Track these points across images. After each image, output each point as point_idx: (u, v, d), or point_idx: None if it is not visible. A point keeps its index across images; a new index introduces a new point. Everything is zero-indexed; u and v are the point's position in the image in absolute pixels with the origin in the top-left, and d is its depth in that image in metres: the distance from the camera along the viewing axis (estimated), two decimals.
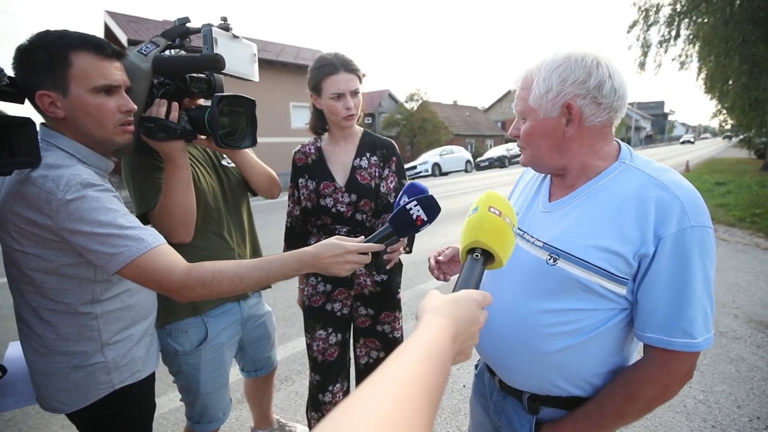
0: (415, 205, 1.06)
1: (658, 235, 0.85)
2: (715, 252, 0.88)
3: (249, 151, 1.64)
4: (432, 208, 1.07)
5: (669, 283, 0.85)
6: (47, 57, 1.02)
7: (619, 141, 1.02)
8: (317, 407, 1.83)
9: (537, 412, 1.04)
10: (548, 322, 0.96)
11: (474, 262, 0.71)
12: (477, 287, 0.67)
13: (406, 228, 1.08)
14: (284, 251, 1.67)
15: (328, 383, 1.80)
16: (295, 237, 1.86)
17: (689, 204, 0.85)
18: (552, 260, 0.95)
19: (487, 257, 0.72)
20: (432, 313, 0.56)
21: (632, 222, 0.87)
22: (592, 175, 0.98)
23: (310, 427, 1.95)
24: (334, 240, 1.10)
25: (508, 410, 1.11)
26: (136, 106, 1.16)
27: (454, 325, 0.55)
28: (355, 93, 1.64)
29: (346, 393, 1.87)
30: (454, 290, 0.65)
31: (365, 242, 1.11)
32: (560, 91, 0.90)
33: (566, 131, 0.94)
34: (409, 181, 1.26)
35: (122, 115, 1.12)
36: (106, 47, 1.09)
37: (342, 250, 1.07)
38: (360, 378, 1.89)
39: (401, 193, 1.27)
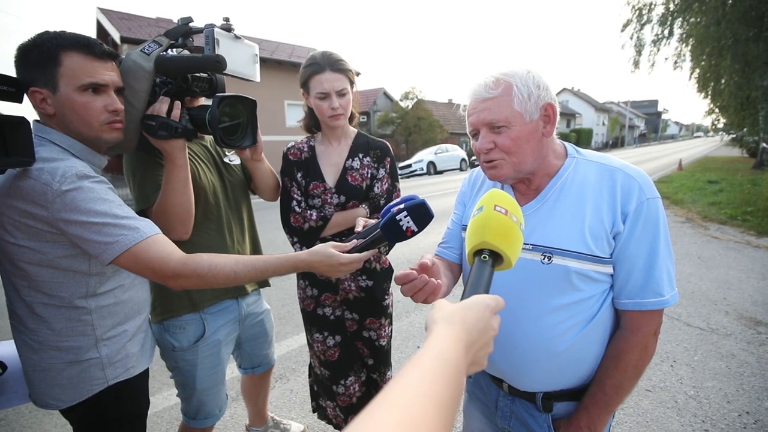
0: (405, 216, 1.04)
1: (624, 212, 0.96)
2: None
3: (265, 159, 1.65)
4: (423, 217, 1.04)
5: (637, 251, 0.96)
6: (40, 55, 1.05)
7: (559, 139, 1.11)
8: (332, 397, 1.86)
9: (551, 410, 1.07)
10: (557, 319, 1.00)
11: (482, 265, 0.67)
12: (487, 291, 0.63)
13: (397, 237, 1.06)
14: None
15: (339, 378, 1.82)
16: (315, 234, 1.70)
17: (643, 181, 0.98)
18: (546, 259, 1.00)
19: (496, 258, 0.68)
20: (442, 323, 0.52)
21: (606, 205, 0.98)
22: (552, 173, 1.05)
23: (325, 413, 1.94)
24: (329, 249, 1.15)
25: (520, 413, 1.12)
26: (122, 106, 1.17)
27: (467, 334, 0.52)
28: (341, 93, 1.62)
29: (364, 383, 1.87)
30: (463, 296, 0.61)
31: (357, 248, 1.16)
32: (539, 95, 0.98)
33: (544, 131, 1.01)
34: (411, 195, 1.17)
35: (108, 114, 1.13)
36: (95, 47, 1.10)
37: (336, 262, 1.14)
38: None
39: (398, 201, 1.20)
